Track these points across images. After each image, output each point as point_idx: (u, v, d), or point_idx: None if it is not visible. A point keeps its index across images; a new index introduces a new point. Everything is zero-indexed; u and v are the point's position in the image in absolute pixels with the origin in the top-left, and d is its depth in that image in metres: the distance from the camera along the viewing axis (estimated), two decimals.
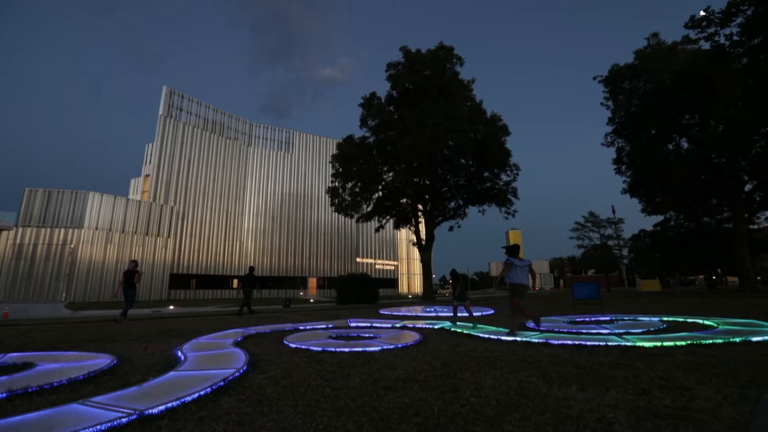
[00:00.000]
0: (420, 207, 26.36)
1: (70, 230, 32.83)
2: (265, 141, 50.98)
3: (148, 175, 41.80)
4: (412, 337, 6.35)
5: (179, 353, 4.94)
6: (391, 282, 58.08)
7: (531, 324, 7.29)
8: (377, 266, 57.02)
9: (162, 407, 2.75)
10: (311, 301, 27.37)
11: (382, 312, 12.70)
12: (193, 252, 41.47)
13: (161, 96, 41.62)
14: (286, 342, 5.87)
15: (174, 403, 2.84)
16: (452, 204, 26.60)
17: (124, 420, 2.50)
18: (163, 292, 37.16)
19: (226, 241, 44.86)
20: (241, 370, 3.92)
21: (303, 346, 5.44)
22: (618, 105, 24.05)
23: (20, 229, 31.74)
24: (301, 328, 8.07)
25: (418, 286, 62.70)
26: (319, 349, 5.23)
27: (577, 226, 44.36)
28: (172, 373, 3.88)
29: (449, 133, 20.84)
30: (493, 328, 7.30)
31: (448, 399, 2.98)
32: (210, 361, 4.52)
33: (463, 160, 24.24)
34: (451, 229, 26.97)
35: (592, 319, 9.07)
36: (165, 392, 3.15)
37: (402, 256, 64.65)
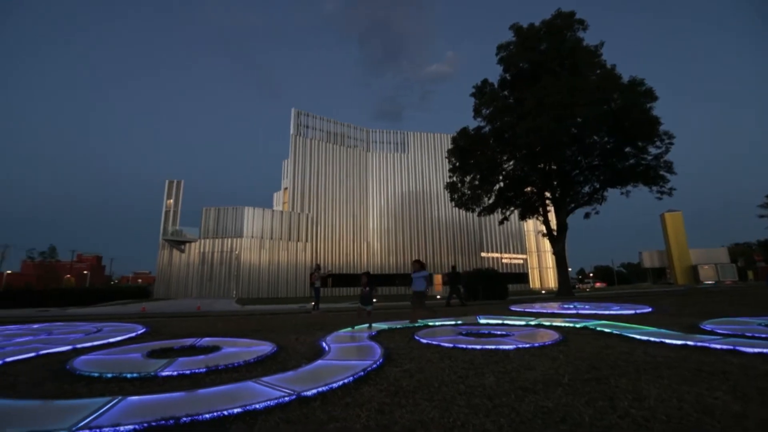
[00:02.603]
0: (548, 194, 24.11)
1: (235, 239, 40.15)
2: (382, 145, 53.66)
3: (286, 188, 48.41)
4: (549, 336, 5.84)
5: (324, 344, 5.51)
6: (521, 277, 54.64)
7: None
8: (504, 260, 54.34)
9: (315, 391, 3.11)
10: (437, 297, 27.62)
11: (513, 309, 12.02)
12: (327, 253, 46.15)
13: (291, 117, 47.69)
14: (417, 337, 6.02)
15: (324, 388, 3.18)
16: (586, 188, 23.58)
17: (286, 399, 2.92)
18: (306, 289, 42.32)
19: (354, 242, 48.67)
20: (378, 363, 4.17)
21: (434, 342, 5.50)
22: None
23: (202, 240, 40.15)
24: (430, 324, 8.19)
25: (552, 281, 57.58)
26: (450, 345, 5.22)
27: None
28: (319, 362, 4.36)
29: (575, 108, 18.53)
30: (652, 329, 6.21)
31: (601, 408, 2.63)
32: (350, 352, 4.94)
33: (595, 137, 21.27)
34: (586, 216, 23.96)
35: None
36: (316, 378, 3.56)
37: (531, 249, 60.25)
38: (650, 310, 10.06)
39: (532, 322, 7.91)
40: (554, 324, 7.52)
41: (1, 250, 58.97)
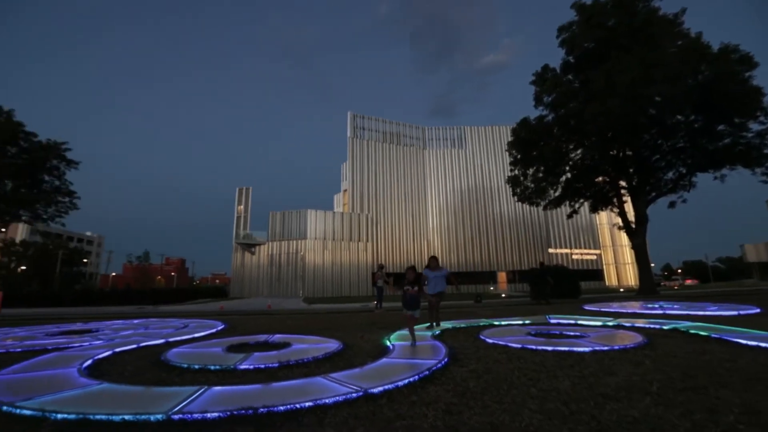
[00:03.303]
0: (622, 183, 22.03)
1: (300, 241, 42.20)
2: (438, 142, 52.98)
3: (346, 190, 49.77)
4: (631, 339, 5.33)
5: (388, 343, 5.56)
6: (594, 274, 50.63)
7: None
8: (574, 256, 50.76)
9: (381, 388, 3.15)
10: (502, 295, 26.62)
11: (586, 308, 11.19)
12: (387, 253, 46.66)
13: (347, 120, 48.96)
14: (482, 337, 5.84)
15: (389, 386, 3.21)
16: (670, 174, 21.14)
17: (354, 395, 2.99)
18: (368, 289, 43.12)
19: (414, 241, 48.63)
20: (443, 362, 4.11)
21: (500, 342, 5.30)
22: None
23: (270, 243, 42.77)
24: (496, 323, 7.91)
25: (631, 278, 52.66)
26: (518, 346, 4.99)
27: None
28: (384, 360, 4.40)
29: (652, 86, 16.69)
30: (763, 333, 5.40)
31: (700, 421, 2.33)
32: (414, 351, 4.93)
33: (679, 117, 19.00)
34: (671, 205, 21.49)
35: None
36: (381, 375, 3.60)
37: (605, 243, 55.58)
38: (758, 311, 8.76)
39: (610, 323, 7.29)
40: (636, 325, 6.86)
41: (107, 255, 67.96)
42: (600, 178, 22.85)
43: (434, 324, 7.23)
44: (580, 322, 7.70)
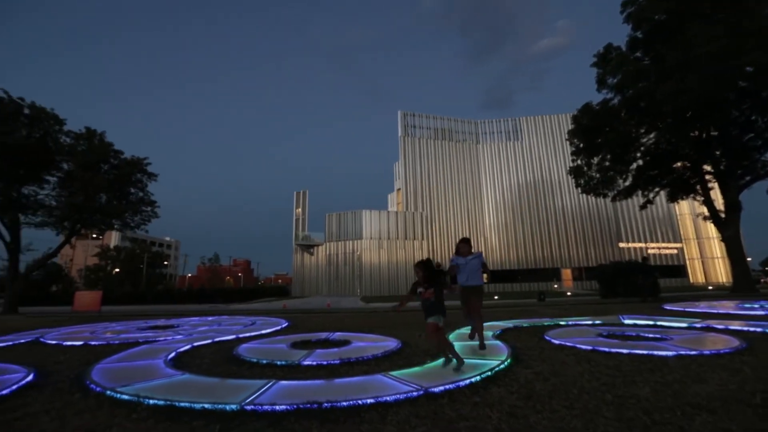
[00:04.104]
0: (707, 168, 19.65)
1: (356, 241, 43.14)
2: (492, 135, 51.14)
3: (399, 189, 49.87)
4: (725, 343, 4.74)
5: None
6: (675, 270, 45.72)
7: None
8: (650, 251, 46.32)
9: (442, 387, 3.10)
10: (568, 294, 25.09)
11: (667, 308, 10.15)
12: (443, 251, 46.04)
13: (398, 120, 49.02)
14: (547, 337, 5.54)
15: (451, 386, 3.15)
16: None
17: (414, 394, 2.98)
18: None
19: (471, 238, 47.47)
20: (506, 362, 3.95)
21: (568, 343, 4.98)
22: None
23: (327, 244, 44.24)
24: (562, 323, 7.46)
25: (721, 275, 46.94)
26: (588, 347, 4.65)
27: None
28: (444, 359, 4.33)
29: (743, 55, 14.66)
30: None
31: None
32: (474, 351, 4.79)
33: None
34: None
35: None
36: (441, 375, 3.55)
37: (687, 236, 50.03)
38: None
39: (698, 325, 6.54)
40: (731, 327, 6.08)
41: (183, 258, 74.73)
42: (679, 164, 20.58)
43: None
44: (660, 323, 7.00)
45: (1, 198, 17.70)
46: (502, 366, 3.82)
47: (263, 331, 7.32)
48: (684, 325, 6.62)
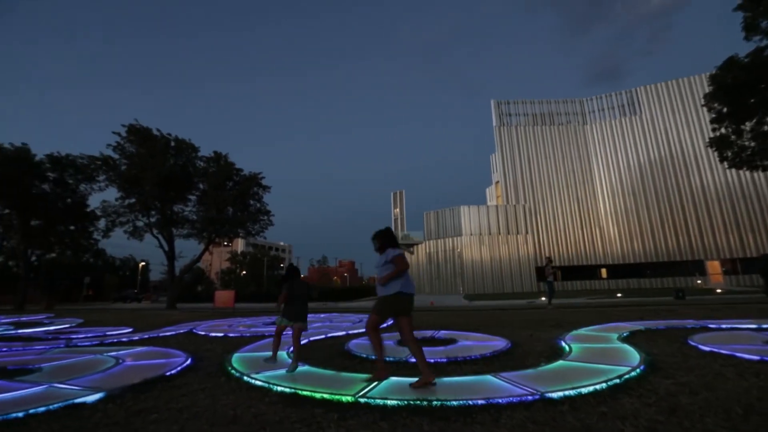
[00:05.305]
0: None
1: (455, 238, 42.39)
2: (602, 112, 45.33)
3: (497, 182, 47.52)
4: None
5: (563, 343, 5.02)
6: None
7: None
8: None
9: (561, 393, 2.84)
10: (717, 291, 20.95)
11: None
12: (552, 244, 42.44)
13: (491, 109, 46.74)
14: (693, 343, 4.68)
15: (571, 392, 2.86)
16: None
17: (529, 398, 2.78)
18: (532, 284, 40.00)
19: (583, 229, 42.85)
20: (638, 370, 3.44)
21: (723, 351, 4.13)
22: None
23: (427, 242, 44.31)
24: (711, 326, 6.25)
25: None
26: (755, 357, 3.79)
27: None
28: (561, 362, 3.97)
29: None
30: None
31: None
32: (596, 354, 4.29)
33: None
34: None
35: None
36: (559, 379, 3.25)
37: None
38: None
39: None
40: None
41: (296, 261, 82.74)
42: None
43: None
44: None
45: (160, 216, 21.90)
46: (633, 373, 3.34)
47: None
48: None
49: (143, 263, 59.15)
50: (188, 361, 4.51)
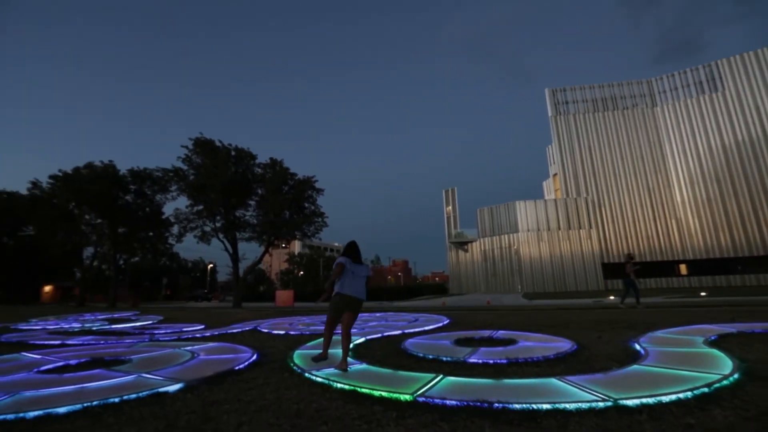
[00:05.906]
0: None
1: (511, 234, 40.77)
2: (674, 92, 40.97)
3: (555, 174, 44.92)
4: None
5: (637, 346, 4.62)
6: None
7: None
8: None
9: (637, 401, 2.61)
10: None
11: None
12: (620, 239, 39.30)
13: (546, 99, 44.27)
14: None
15: (648, 400, 2.63)
16: None
17: (600, 404, 2.58)
18: (599, 282, 37.30)
19: (656, 222, 39.14)
20: (732, 378, 3.06)
21: None
22: None
23: (481, 239, 43.11)
24: None
25: None
26: None
27: None
28: (635, 367, 3.65)
29: None
30: None
31: None
32: (677, 359, 3.89)
33: None
34: None
35: None
36: (634, 385, 2.99)
37: None
38: None
39: None
40: None
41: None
42: None
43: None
44: None
45: (225, 221, 23.55)
46: (725, 382, 2.98)
47: (426, 328, 7.59)
48: None
49: (211, 265, 64.09)
50: (254, 357, 4.78)
